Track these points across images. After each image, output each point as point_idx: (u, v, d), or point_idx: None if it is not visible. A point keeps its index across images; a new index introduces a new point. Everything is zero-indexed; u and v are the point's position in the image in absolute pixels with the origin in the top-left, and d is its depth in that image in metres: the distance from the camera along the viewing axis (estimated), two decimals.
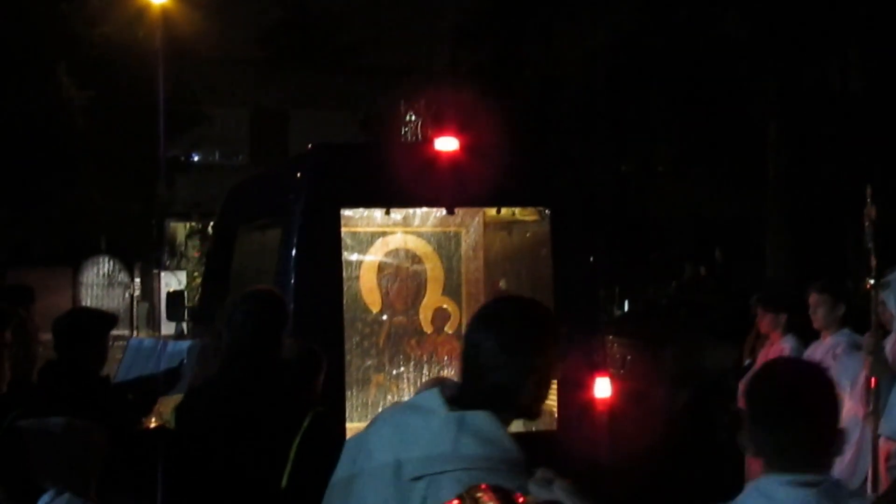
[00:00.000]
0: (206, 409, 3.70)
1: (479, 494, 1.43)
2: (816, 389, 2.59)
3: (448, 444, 2.46)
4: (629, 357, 11.69)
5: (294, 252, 6.33)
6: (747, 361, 7.94)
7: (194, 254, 26.90)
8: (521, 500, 1.44)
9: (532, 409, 2.65)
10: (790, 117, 18.05)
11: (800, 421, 2.53)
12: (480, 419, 2.50)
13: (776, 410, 2.55)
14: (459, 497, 1.45)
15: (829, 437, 2.58)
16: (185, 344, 5.87)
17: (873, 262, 5.36)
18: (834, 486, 2.55)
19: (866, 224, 5.37)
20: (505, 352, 2.59)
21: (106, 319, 4.77)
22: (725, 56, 18.05)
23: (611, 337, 11.65)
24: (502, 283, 8.00)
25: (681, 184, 20.70)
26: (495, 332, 2.61)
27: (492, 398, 2.57)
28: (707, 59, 18.18)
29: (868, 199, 5.36)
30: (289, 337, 4.03)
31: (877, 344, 5.30)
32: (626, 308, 19.77)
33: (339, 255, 6.57)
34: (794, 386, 2.58)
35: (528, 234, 7.66)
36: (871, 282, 5.35)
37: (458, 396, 2.59)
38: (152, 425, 5.22)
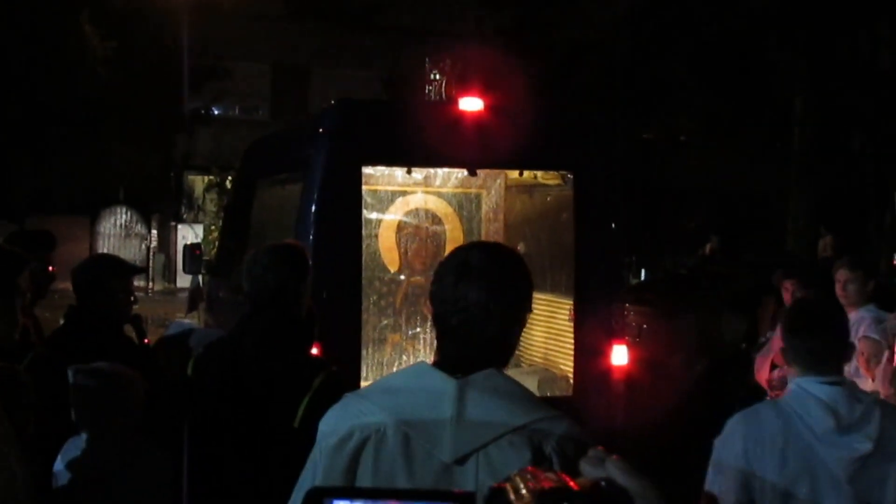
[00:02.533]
0: (222, 364, 3.67)
1: (526, 477, 1.37)
2: (840, 316, 3.65)
3: (490, 411, 2.38)
4: (645, 326, 11.62)
5: (314, 208, 6.29)
6: (767, 335, 7.86)
7: (212, 207, 26.90)
8: (571, 483, 1.38)
9: (508, 362, 2.59)
10: (817, 90, 17.86)
11: (828, 335, 3.48)
12: (497, 378, 2.44)
13: (813, 326, 3.49)
14: (508, 481, 1.39)
15: (845, 348, 3.55)
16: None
17: None
18: (852, 385, 3.54)
19: None
20: (499, 304, 2.48)
21: (124, 267, 4.74)
22: (753, 27, 17.84)
23: (627, 305, 11.59)
24: (521, 247, 7.94)
25: (703, 154, 20.54)
26: (487, 284, 2.47)
27: (487, 354, 2.46)
28: (734, 30, 17.97)
29: None
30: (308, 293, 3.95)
31: None
32: (642, 276, 19.69)
33: (359, 212, 6.52)
34: (823, 312, 3.60)
35: (549, 198, 7.60)
36: None
37: (451, 360, 2.47)
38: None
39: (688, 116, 20.17)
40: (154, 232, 28.69)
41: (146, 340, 4.90)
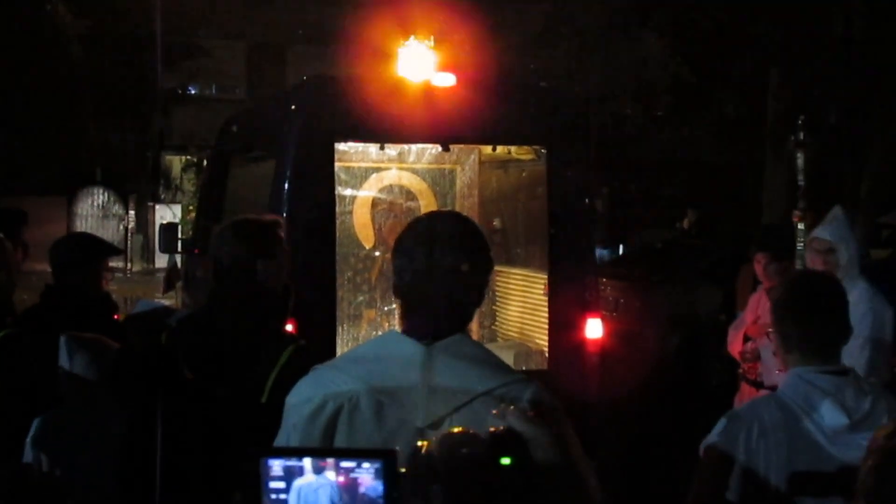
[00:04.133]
0: (195, 336, 3.69)
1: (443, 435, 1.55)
2: (843, 297, 3.23)
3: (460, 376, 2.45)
4: (622, 299, 11.69)
5: (287, 185, 6.29)
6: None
7: (190, 187, 26.79)
8: (473, 432, 1.57)
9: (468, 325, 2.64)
10: (791, 62, 17.91)
11: (832, 318, 3.17)
12: (467, 344, 2.53)
13: (816, 309, 3.17)
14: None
15: (846, 333, 3.20)
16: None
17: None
18: (856, 374, 3.16)
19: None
20: (474, 269, 2.56)
21: (102, 246, 4.76)
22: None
23: (604, 279, 11.65)
24: (497, 222, 7.98)
25: (680, 128, 20.59)
26: (461, 251, 2.54)
27: (455, 320, 2.54)
28: (708, 2, 18.00)
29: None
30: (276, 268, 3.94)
31: None
32: (620, 251, 19.77)
33: (333, 189, 6.53)
34: (824, 292, 3.24)
35: (524, 174, 7.62)
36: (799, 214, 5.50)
37: (420, 327, 2.52)
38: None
39: (664, 90, 20.19)
40: (132, 212, 28.55)
41: (116, 316, 4.92)
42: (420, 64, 6.95)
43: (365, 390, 2.46)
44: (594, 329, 6.79)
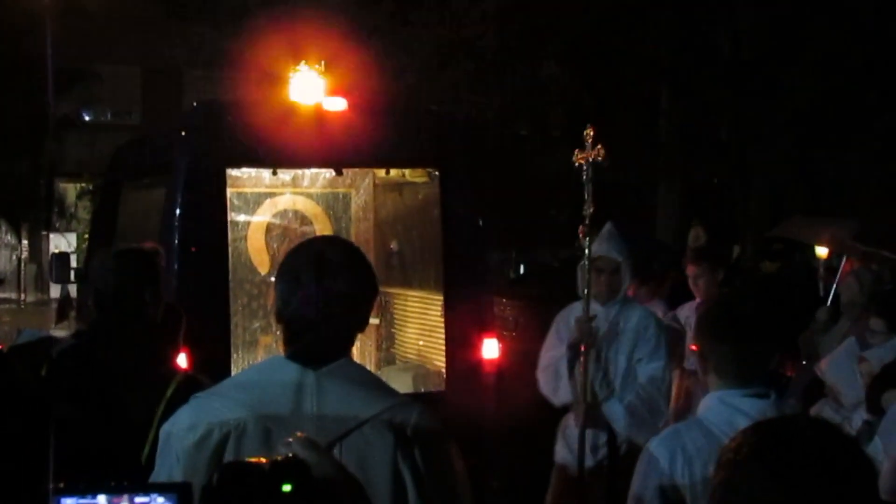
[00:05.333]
0: (76, 368, 3.62)
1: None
2: (767, 317, 3.16)
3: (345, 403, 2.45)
4: (521, 319, 11.79)
5: (178, 212, 6.24)
6: None
7: (85, 215, 26.31)
8: (257, 460, 1.65)
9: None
10: (681, 83, 18.33)
11: (755, 340, 3.07)
12: (353, 369, 2.55)
13: (739, 330, 3.06)
14: None
15: (772, 355, 3.16)
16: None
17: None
18: (778, 398, 3.09)
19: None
20: (363, 295, 2.59)
21: None
22: (619, 20, 18.21)
23: (504, 300, 11.74)
24: (393, 245, 8.00)
25: (575, 148, 20.82)
26: (351, 277, 2.55)
27: (341, 344, 2.56)
28: (601, 23, 18.32)
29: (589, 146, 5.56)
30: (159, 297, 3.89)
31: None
32: (521, 271, 19.93)
33: (225, 215, 6.48)
34: (750, 311, 3.14)
35: (419, 196, 7.66)
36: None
37: (305, 352, 2.51)
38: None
39: (559, 111, 20.47)
40: (24, 241, 27.92)
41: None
42: (311, 88, 6.96)
43: (252, 417, 2.43)
44: (490, 349, 6.84)
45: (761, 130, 18.48)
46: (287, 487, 1.62)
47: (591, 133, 5.67)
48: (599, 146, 5.64)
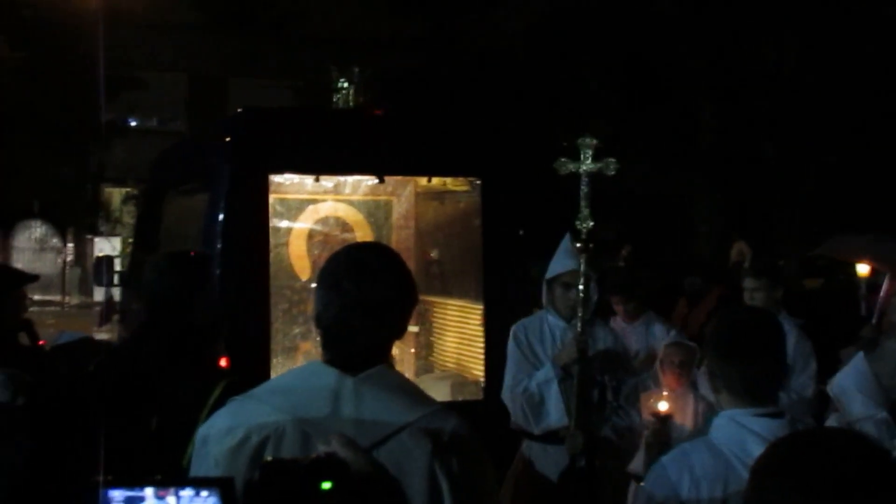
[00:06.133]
0: (117, 374, 3.64)
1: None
2: (780, 334, 3.05)
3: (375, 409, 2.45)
4: None
5: (221, 217, 6.28)
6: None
7: (129, 219, 26.57)
8: (297, 459, 1.68)
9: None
10: (724, 97, 18.25)
11: (768, 358, 2.98)
12: (391, 375, 2.54)
13: (751, 347, 2.97)
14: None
15: (785, 373, 3.11)
16: None
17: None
18: (793, 418, 3.00)
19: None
20: (403, 301, 2.58)
21: (15, 276, 4.74)
22: (662, 33, 18.17)
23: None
24: (434, 253, 8.02)
25: (618, 160, 20.73)
26: (391, 283, 2.56)
27: (379, 351, 2.55)
28: (643, 36, 18.28)
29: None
30: (208, 301, 3.92)
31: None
32: None
33: (266, 221, 6.52)
34: (760, 329, 3.05)
35: (460, 205, 7.67)
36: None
37: (343, 358, 2.52)
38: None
39: (600, 122, 20.45)
40: (70, 245, 28.25)
41: (40, 342, 4.90)
42: (354, 96, 7.02)
43: (290, 421, 2.43)
44: None
45: (805, 144, 18.34)
46: (326, 485, 1.63)
47: (593, 143, 5.40)
48: (610, 159, 5.39)
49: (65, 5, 23.40)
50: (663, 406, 5.47)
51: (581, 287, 5.33)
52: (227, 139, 6.65)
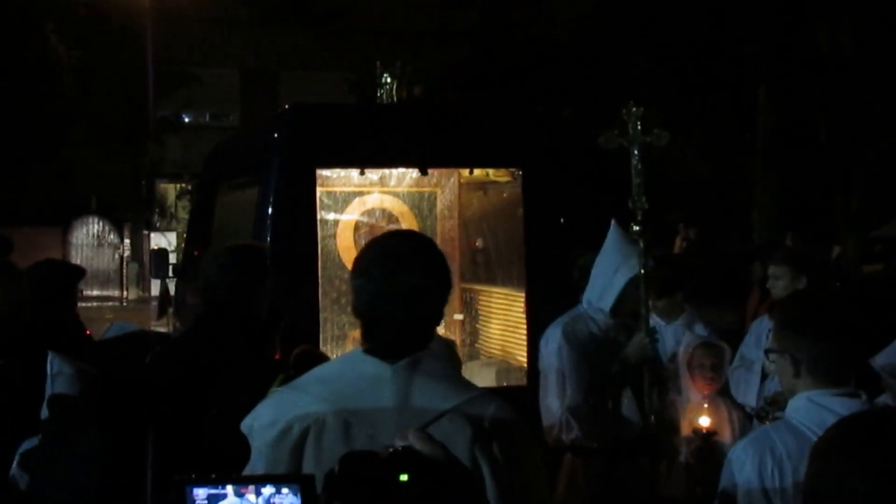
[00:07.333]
0: (177, 365, 3.68)
1: None
2: (855, 314, 3.10)
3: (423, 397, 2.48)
4: None
5: (270, 210, 6.45)
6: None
7: (184, 214, 26.93)
8: (374, 451, 1.74)
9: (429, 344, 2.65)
10: (779, 80, 18.09)
11: (846, 338, 3.01)
12: (430, 362, 2.56)
13: (829, 328, 2.99)
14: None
15: (857, 354, 3.14)
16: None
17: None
18: (868, 397, 2.99)
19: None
20: (435, 287, 2.61)
21: (72, 270, 4.89)
22: (715, 19, 18.05)
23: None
24: (478, 242, 8.13)
25: (670, 147, 20.62)
26: (422, 269, 2.59)
27: (417, 338, 2.58)
28: (697, 22, 18.18)
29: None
30: (267, 294, 3.93)
31: None
32: None
33: (315, 213, 6.68)
34: (839, 308, 3.08)
35: (503, 195, 7.77)
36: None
37: (384, 346, 2.55)
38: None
39: (654, 109, 20.37)
40: (127, 241, 28.70)
41: (88, 332, 5.03)
42: (399, 90, 7.16)
43: (332, 411, 2.46)
44: None
45: (861, 128, 18.14)
46: (404, 477, 1.69)
47: (640, 112, 4.98)
48: (659, 130, 5.00)
49: (119, 4, 23.78)
50: (705, 421, 5.10)
51: (641, 278, 4.93)
52: (276, 134, 6.82)
